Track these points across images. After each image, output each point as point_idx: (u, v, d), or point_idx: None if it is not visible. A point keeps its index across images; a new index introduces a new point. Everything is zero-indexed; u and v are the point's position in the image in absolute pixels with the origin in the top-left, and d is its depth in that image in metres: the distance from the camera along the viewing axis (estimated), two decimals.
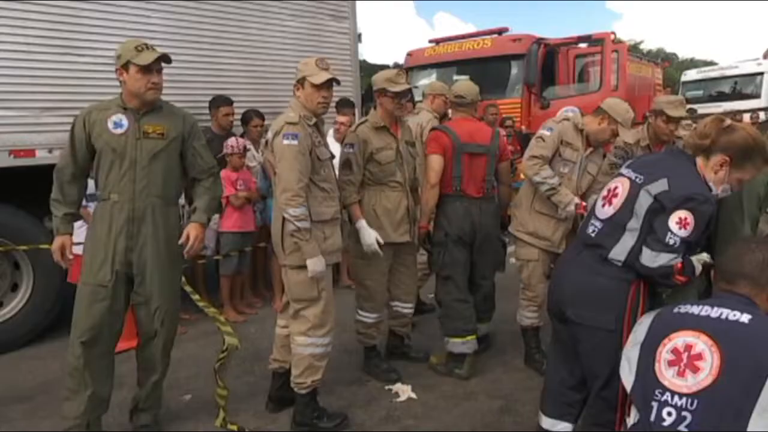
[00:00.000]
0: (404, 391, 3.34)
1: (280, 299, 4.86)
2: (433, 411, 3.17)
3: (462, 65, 9.35)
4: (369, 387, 3.45)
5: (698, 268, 2.10)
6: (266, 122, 4.93)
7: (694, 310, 1.70)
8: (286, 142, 2.74)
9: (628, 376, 1.75)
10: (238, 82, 5.19)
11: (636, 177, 2.14)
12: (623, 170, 2.27)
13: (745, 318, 1.61)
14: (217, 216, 4.60)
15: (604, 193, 2.27)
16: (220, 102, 4.82)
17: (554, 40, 8.57)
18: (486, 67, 8.77)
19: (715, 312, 1.66)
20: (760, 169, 2.15)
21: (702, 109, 12.20)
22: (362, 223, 3.28)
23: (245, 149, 4.65)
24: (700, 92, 14.45)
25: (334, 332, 2.98)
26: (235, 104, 4.93)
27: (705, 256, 2.13)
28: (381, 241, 3.25)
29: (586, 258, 2.22)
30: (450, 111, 4.16)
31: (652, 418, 1.60)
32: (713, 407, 1.52)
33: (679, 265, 2.01)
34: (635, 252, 2.07)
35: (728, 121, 2.12)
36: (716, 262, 1.90)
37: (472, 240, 3.57)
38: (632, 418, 1.70)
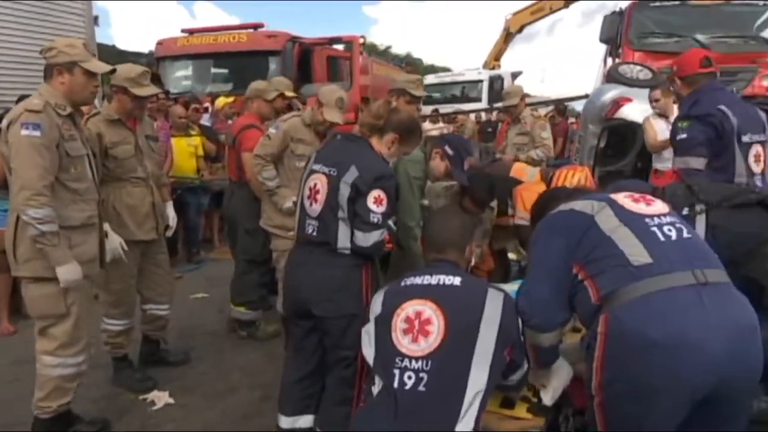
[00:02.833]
0: (161, 398, 3.18)
1: (6, 319, 4.19)
2: (193, 413, 3.09)
3: (219, 58, 9.12)
4: (120, 400, 3.20)
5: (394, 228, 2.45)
6: None
7: (418, 280, 1.92)
8: (24, 132, 2.37)
9: (368, 349, 1.91)
10: None
11: (330, 171, 2.32)
12: (315, 166, 2.41)
13: (457, 281, 1.88)
14: None
15: (307, 192, 2.39)
16: None
17: (308, 40, 8.90)
18: (244, 62, 8.70)
19: (434, 279, 1.90)
20: (417, 143, 2.61)
21: (441, 109, 13.98)
22: (106, 226, 3.00)
23: None
24: (438, 94, 16.52)
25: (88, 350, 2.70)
26: None
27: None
28: (125, 247, 3.03)
29: (319, 256, 2.34)
30: None
31: (396, 384, 1.76)
32: (444, 364, 1.75)
33: (388, 236, 2.30)
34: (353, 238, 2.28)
35: (394, 103, 2.51)
36: (424, 235, 2.21)
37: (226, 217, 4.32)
38: (377, 387, 1.84)
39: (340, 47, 9.85)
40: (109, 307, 3.27)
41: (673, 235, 1.69)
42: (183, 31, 9.44)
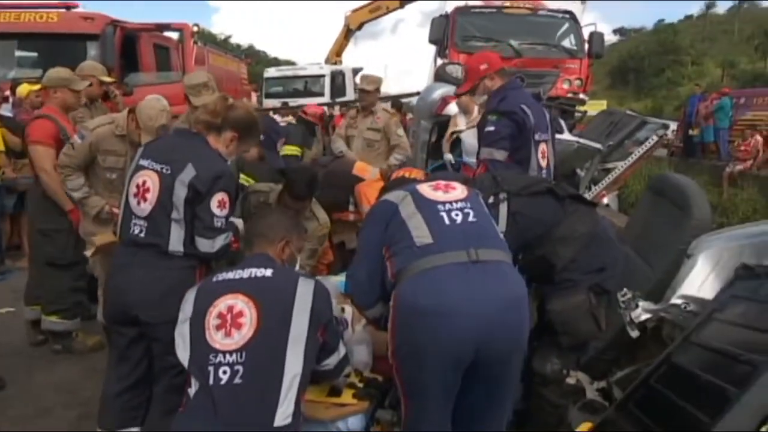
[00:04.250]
0: None
1: None
2: None
3: (24, 40, 8.03)
4: None
5: (240, 227, 2.40)
6: None
7: (230, 275, 1.92)
8: None
9: (183, 353, 1.85)
10: None
11: (162, 168, 2.19)
12: (143, 162, 2.26)
13: (268, 272, 1.92)
14: None
15: (134, 189, 2.24)
16: None
17: (132, 25, 8.20)
18: (57, 45, 7.74)
19: (245, 273, 1.92)
20: (257, 141, 2.57)
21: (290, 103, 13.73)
22: None
23: None
24: (281, 88, 16.30)
25: None
26: None
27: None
28: None
29: (146, 258, 2.21)
30: None
31: (211, 381, 1.73)
32: (258, 354, 1.77)
33: (233, 238, 2.24)
34: (189, 240, 2.19)
35: (231, 100, 2.42)
36: (243, 233, 2.21)
37: None
38: (193, 388, 1.79)
39: (174, 35, 9.23)
40: None
41: (459, 219, 1.91)
42: None
